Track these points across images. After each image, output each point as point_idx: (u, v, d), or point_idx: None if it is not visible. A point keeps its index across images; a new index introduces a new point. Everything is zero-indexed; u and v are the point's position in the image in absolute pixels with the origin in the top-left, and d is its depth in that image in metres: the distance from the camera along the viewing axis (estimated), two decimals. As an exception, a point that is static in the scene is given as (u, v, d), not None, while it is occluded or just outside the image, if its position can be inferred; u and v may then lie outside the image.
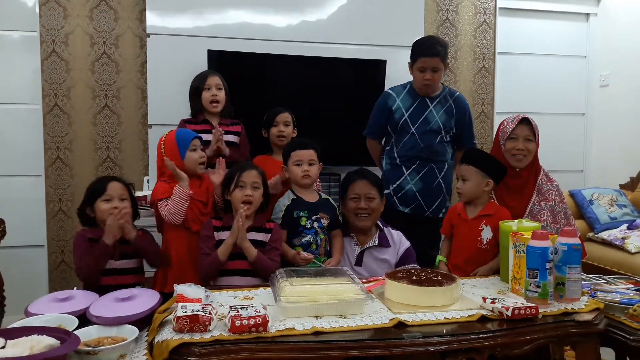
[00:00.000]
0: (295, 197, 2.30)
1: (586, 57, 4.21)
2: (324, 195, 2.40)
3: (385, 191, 2.61)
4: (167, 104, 3.08)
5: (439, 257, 2.25)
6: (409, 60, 2.74)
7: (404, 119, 2.72)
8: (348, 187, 2.33)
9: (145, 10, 3.19)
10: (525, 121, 2.23)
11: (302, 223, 2.25)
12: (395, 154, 2.76)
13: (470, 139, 2.86)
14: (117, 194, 2.08)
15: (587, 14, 4.18)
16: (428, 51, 2.64)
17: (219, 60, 3.12)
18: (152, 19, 3.18)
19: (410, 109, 2.72)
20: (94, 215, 2.08)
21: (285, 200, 2.29)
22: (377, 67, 3.30)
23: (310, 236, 2.24)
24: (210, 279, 2.06)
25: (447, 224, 2.27)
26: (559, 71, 4.15)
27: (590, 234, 3.53)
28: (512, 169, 2.25)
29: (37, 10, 3.16)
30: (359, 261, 2.29)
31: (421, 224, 2.48)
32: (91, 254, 1.98)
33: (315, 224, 2.27)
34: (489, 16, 3.90)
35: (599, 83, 4.17)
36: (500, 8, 3.91)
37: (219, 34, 3.25)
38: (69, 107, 3.25)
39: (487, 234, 2.13)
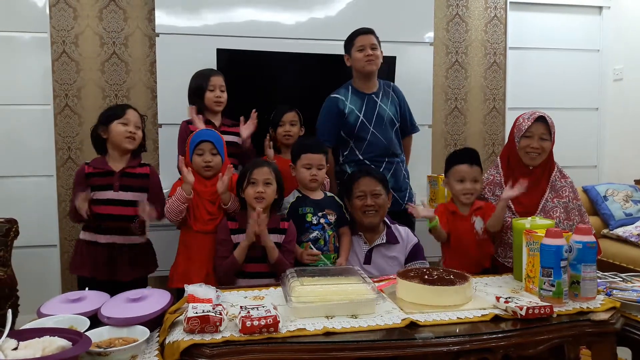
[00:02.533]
0: (300, 194, 2.33)
1: (599, 51, 4.14)
2: (329, 193, 2.42)
3: None
4: (177, 104, 3.06)
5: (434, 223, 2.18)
6: (344, 54, 2.78)
7: (360, 120, 2.71)
8: (353, 185, 2.32)
9: (154, 9, 3.20)
10: (541, 119, 2.19)
11: (308, 219, 2.27)
12: (360, 156, 2.73)
13: (414, 123, 2.95)
14: (134, 121, 2.25)
15: (600, 7, 4.11)
16: (361, 30, 2.75)
17: (228, 59, 3.12)
18: (161, 19, 3.18)
19: (363, 109, 2.72)
20: (106, 136, 2.23)
21: (290, 198, 2.31)
22: (386, 64, 3.25)
23: (317, 232, 2.26)
24: (227, 283, 2.06)
25: (441, 218, 2.25)
26: (572, 65, 4.08)
27: (605, 231, 3.49)
28: (526, 166, 2.22)
29: (47, 11, 3.18)
30: (367, 259, 2.28)
31: (399, 218, 2.48)
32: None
33: (322, 220, 2.28)
34: (499, 11, 3.86)
35: (613, 77, 4.10)
36: (510, 2, 3.87)
37: (227, 32, 3.25)
38: (80, 107, 3.27)
39: (479, 224, 2.20)
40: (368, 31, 2.71)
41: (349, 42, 2.75)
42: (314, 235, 2.26)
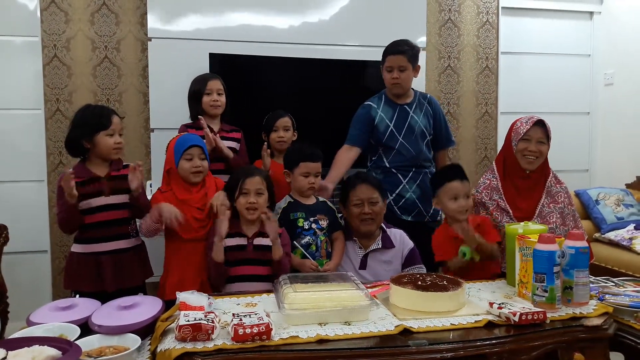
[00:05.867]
0: (292, 200, 2.33)
1: (590, 55, 4.17)
2: (321, 198, 2.41)
3: None
4: (169, 108, 3.07)
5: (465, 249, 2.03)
6: (381, 64, 2.75)
7: (389, 130, 2.71)
8: (349, 193, 2.31)
9: (146, 14, 3.19)
10: (540, 123, 2.20)
11: (300, 224, 2.27)
12: (387, 163, 2.73)
13: (450, 137, 2.93)
14: (119, 129, 2.19)
15: (591, 13, 4.14)
16: (393, 49, 2.68)
17: (221, 64, 3.11)
18: (154, 23, 3.17)
19: (394, 119, 2.72)
20: (90, 146, 2.15)
21: (282, 204, 2.31)
22: (379, 69, 3.27)
23: (309, 237, 2.26)
24: (220, 285, 2.05)
25: (443, 251, 2.13)
26: (563, 70, 4.11)
27: (597, 235, 3.50)
28: (522, 170, 2.23)
29: (39, 15, 3.16)
30: (363, 265, 2.28)
31: (422, 229, 2.49)
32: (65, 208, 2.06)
33: (314, 225, 2.28)
34: (491, 16, 3.87)
35: (604, 82, 4.13)
36: (503, 7, 3.88)
37: (220, 36, 3.24)
38: (71, 112, 3.21)
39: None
40: (398, 51, 2.65)
41: (383, 57, 2.72)
42: (305, 241, 2.25)
